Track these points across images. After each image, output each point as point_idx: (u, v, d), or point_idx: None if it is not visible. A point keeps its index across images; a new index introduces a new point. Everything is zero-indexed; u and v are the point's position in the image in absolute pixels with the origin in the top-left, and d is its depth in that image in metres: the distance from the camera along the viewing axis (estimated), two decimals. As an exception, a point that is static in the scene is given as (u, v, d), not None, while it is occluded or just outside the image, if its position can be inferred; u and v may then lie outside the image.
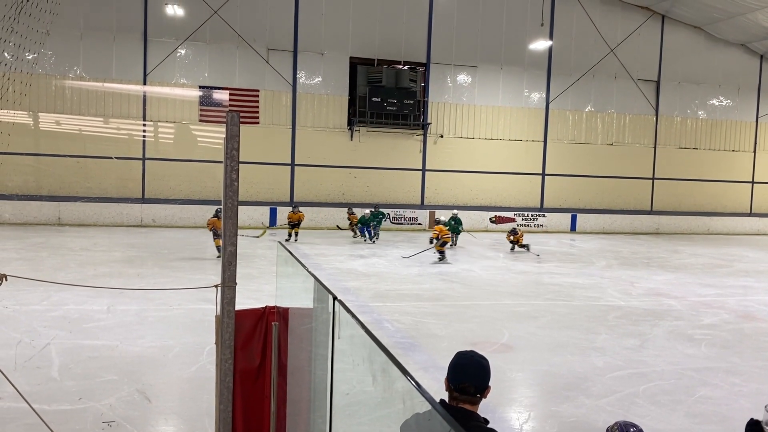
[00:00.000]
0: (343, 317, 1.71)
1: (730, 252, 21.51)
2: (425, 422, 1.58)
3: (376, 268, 15.21)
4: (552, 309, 11.44)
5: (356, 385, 1.59)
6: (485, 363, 2.52)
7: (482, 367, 2.49)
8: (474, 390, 2.41)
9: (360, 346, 1.56)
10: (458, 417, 2.35)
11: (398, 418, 2.11)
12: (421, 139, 26.03)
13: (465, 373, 2.44)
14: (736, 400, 6.84)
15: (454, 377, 2.44)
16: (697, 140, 29.26)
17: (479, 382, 2.44)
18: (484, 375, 2.47)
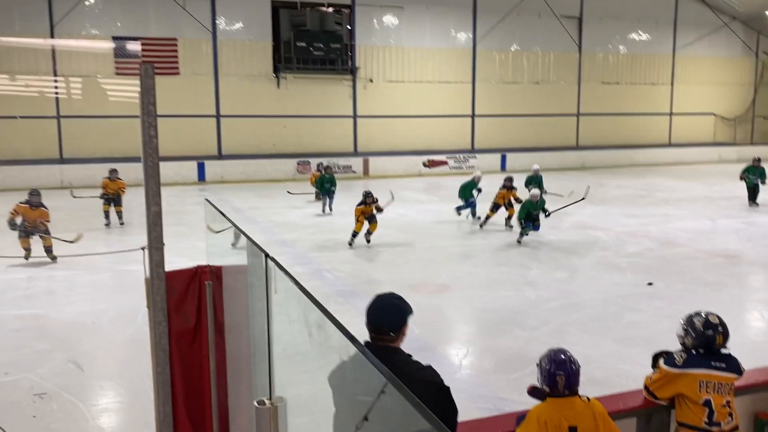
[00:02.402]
0: (277, 274, 1.66)
1: (652, 182, 22.49)
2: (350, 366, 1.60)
3: (313, 218, 15.13)
4: (486, 248, 11.74)
5: (294, 340, 1.57)
6: (399, 303, 2.66)
7: (395, 307, 2.64)
8: (389, 329, 2.55)
9: (295, 303, 1.53)
10: (381, 354, 2.46)
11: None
12: (351, 84, 25.64)
13: (379, 314, 2.58)
14: (660, 322, 7.26)
15: (370, 319, 2.58)
16: (619, 75, 30.04)
17: (393, 321, 2.57)
18: (397, 314, 2.61)
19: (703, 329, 3.29)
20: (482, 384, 6.07)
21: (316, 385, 2.30)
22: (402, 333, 2.60)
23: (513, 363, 6.20)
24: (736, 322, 7.14)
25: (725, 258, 10.57)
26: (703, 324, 3.31)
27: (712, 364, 3.25)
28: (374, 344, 2.56)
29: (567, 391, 2.94)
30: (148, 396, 2.64)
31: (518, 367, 6.05)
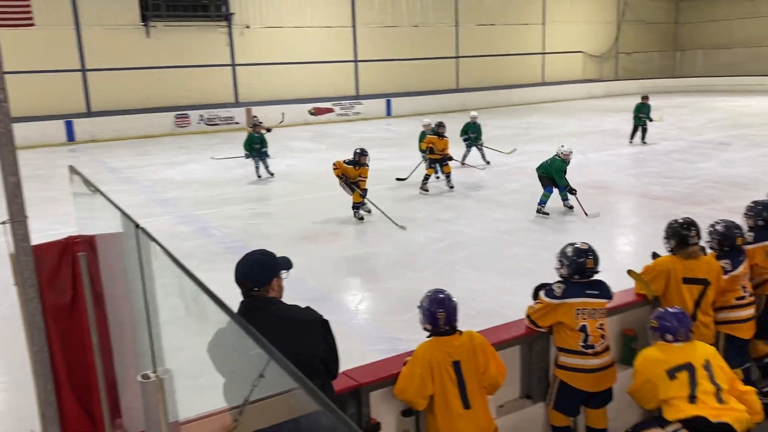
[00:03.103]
0: (150, 244, 1.59)
1: (529, 121, 23.52)
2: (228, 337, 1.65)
3: (195, 174, 14.59)
4: (375, 193, 11.87)
5: (176, 309, 1.53)
6: (263, 258, 2.74)
7: (258, 262, 2.72)
8: (253, 285, 2.65)
9: (169, 275, 1.47)
10: (259, 306, 2.62)
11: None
12: (227, 31, 24.54)
13: (241, 271, 2.68)
14: (539, 254, 7.73)
15: (236, 276, 2.69)
16: (494, 16, 30.74)
17: (254, 277, 2.67)
18: (260, 270, 2.70)
19: (575, 257, 3.55)
20: (378, 327, 6.24)
21: (202, 354, 2.28)
22: (272, 287, 2.68)
23: (406, 303, 6.39)
24: (607, 247, 7.76)
25: (596, 189, 11.33)
26: (574, 252, 3.57)
27: (586, 293, 3.52)
28: (252, 297, 2.64)
29: (447, 327, 3.08)
30: (28, 376, 2.49)
31: (411, 307, 6.24)
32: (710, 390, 3.12)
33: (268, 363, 1.36)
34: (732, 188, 10.97)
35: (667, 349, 3.26)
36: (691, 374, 3.16)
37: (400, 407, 3.23)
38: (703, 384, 3.14)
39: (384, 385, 3.18)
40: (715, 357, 3.28)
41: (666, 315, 3.34)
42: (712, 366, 3.21)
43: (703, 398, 3.10)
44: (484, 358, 3.08)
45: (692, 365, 3.18)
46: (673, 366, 3.18)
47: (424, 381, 2.99)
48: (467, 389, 3.01)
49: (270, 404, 1.48)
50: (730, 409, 3.10)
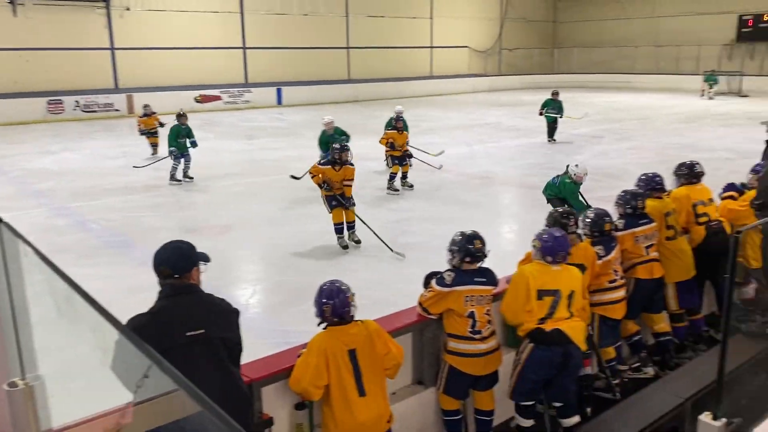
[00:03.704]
0: (17, 240, 1.46)
1: (418, 113, 23.94)
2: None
3: (71, 164, 13.66)
4: (270, 184, 11.66)
5: (45, 314, 1.42)
6: (185, 246, 2.81)
7: (179, 249, 2.79)
8: (173, 272, 2.71)
9: (37, 273, 1.36)
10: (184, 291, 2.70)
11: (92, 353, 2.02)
12: (105, 12, 23.11)
13: (161, 257, 2.73)
14: (431, 241, 7.91)
15: (155, 262, 2.73)
16: (384, 8, 31.02)
17: (176, 263, 2.73)
18: (180, 257, 2.76)
19: (464, 242, 3.67)
20: (272, 320, 6.15)
21: (78, 356, 2.14)
22: (191, 276, 2.75)
23: (300, 296, 6.33)
24: (492, 234, 8.06)
25: (481, 179, 11.76)
26: (463, 238, 3.69)
27: (475, 280, 3.64)
28: (176, 283, 2.69)
29: (339, 318, 3.09)
30: None
31: (305, 299, 6.19)
32: (564, 316, 3.67)
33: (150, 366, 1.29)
34: (605, 179, 11.75)
35: (543, 270, 3.70)
36: (555, 300, 3.65)
37: (293, 401, 3.20)
38: (561, 310, 3.66)
39: (276, 379, 3.14)
40: (578, 287, 3.79)
41: (549, 237, 3.76)
42: (574, 296, 3.72)
43: (553, 321, 3.65)
44: (382, 343, 3.13)
45: (559, 292, 3.66)
46: (544, 288, 3.65)
47: (319, 371, 2.98)
48: (363, 377, 3.04)
49: (154, 405, 1.41)
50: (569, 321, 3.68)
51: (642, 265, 4.63)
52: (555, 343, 3.61)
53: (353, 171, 7.65)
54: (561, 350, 3.62)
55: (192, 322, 2.65)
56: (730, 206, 5.15)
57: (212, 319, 2.72)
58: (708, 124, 19.37)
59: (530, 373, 3.68)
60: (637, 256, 4.62)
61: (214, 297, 2.83)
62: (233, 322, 2.82)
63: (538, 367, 3.65)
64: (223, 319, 2.77)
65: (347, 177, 7.58)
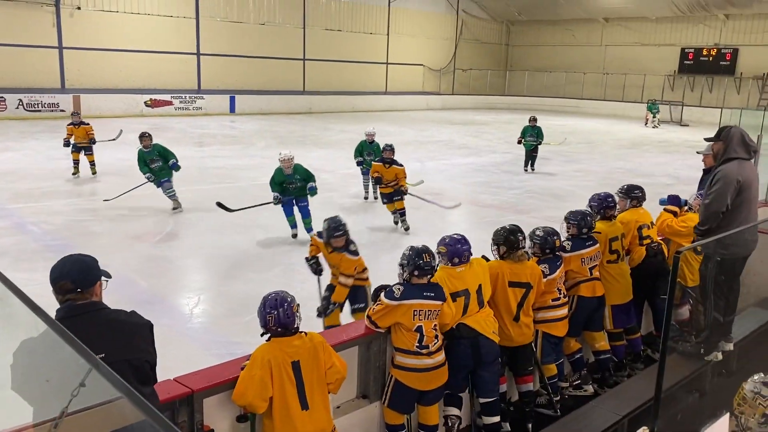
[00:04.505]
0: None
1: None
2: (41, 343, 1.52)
3: (12, 164, 13.15)
4: (217, 192, 11.47)
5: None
6: (87, 259, 2.60)
7: (81, 261, 2.58)
8: (75, 286, 2.48)
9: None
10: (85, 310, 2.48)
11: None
12: (53, 10, 22.45)
13: (60, 270, 2.51)
14: (379, 256, 7.92)
15: (52, 276, 2.50)
16: (341, 23, 31.17)
17: (77, 276, 2.50)
18: (82, 270, 2.55)
19: (414, 256, 3.70)
20: (215, 330, 6.03)
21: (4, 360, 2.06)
22: (94, 291, 2.55)
23: (245, 306, 6.24)
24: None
25: (432, 196, 11.85)
26: (412, 253, 3.72)
27: (424, 294, 3.66)
28: (72, 302, 2.48)
29: (283, 329, 3.06)
30: None
31: (251, 310, 6.12)
32: (475, 311, 3.90)
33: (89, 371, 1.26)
34: (551, 199, 12.04)
35: (451, 273, 3.87)
36: (466, 299, 3.86)
37: (235, 413, 3.14)
38: (472, 307, 3.88)
39: (218, 390, 3.07)
40: (484, 279, 4.01)
41: (452, 241, 3.95)
42: (482, 288, 3.95)
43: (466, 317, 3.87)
44: (326, 355, 3.11)
45: (468, 291, 3.86)
46: (454, 291, 3.82)
47: (264, 382, 2.93)
48: (306, 390, 3.01)
49: (91, 415, 1.37)
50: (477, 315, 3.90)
51: (585, 283, 4.74)
52: (463, 337, 3.83)
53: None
54: (469, 342, 3.83)
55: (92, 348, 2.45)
56: (670, 222, 5.30)
57: (116, 340, 2.49)
58: (649, 151, 20.11)
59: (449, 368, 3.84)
60: (581, 276, 4.74)
61: (120, 313, 2.61)
62: (142, 339, 2.60)
63: (452, 360, 3.82)
64: (127, 338, 2.54)
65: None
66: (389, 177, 9.28)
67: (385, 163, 9.34)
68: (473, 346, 3.83)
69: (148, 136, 10.29)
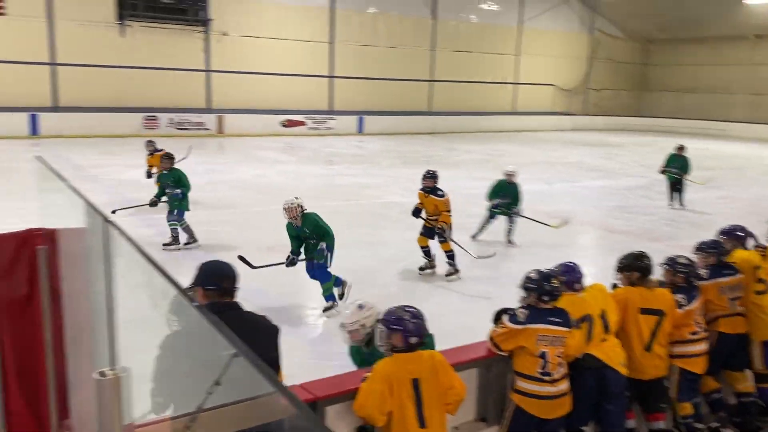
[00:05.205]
0: (118, 238, 1.57)
1: (498, 148, 23.84)
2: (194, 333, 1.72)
3: (162, 177, 14.35)
4: (342, 209, 11.85)
5: (140, 306, 1.50)
6: (229, 265, 2.98)
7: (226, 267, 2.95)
8: (220, 287, 2.82)
9: (138, 269, 1.45)
10: (223, 309, 2.74)
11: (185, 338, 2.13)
12: (203, 36, 24.39)
13: (211, 274, 2.86)
14: (499, 279, 7.80)
15: (209, 279, 2.83)
16: (470, 44, 31.23)
17: (222, 279, 2.85)
18: (227, 275, 2.89)
19: (541, 279, 3.62)
20: (336, 342, 6.19)
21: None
22: (234, 293, 2.87)
23: (367, 321, 6.37)
24: (566, 277, 7.85)
25: (559, 218, 11.50)
26: (539, 277, 3.64)
27: (549, 320, 3.57)
28: (215, 303, 2.75)
29: (408, 345, 3.08)
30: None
31: (372, 325, 6.24)
32: (600, 337, 3.75)
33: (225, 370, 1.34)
34: (689, 227, 11.28)
35: (574, 300, 3.74)
36: (590, 325, 3.73)
37: (356, 423, 3.20)
38: (597, 334, 3.74)
39: (340, 400, 3.15)
40: (607, 304, 3.87)
41: (567, 268, 3.89)
42: (607, 314, 3.80)
43: (594, 343, 3.73)
44: (446, 376, 3.10)
45: (591, 317, 3.74)
46: (579, 316, 3.69)
47: (383, 397, 2.98)
48: (424, 408, 3.01)
49: (238, 409, 1.46)
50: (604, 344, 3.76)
51: (726, 318, 4.40)
52: (588, 367, 3.67)
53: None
54: (595, 373, 3.67)
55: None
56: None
57: (254, 338, 2.70)
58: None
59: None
60: (720, 309, 4.40)
61: (255, 315, 2.88)
62: (273, 341, 2.85)
63: (577, 390, 3.65)
64: (263, 338, 2.80)
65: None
66: (429, 209, 8.07)
67: (426, 192, 8.06)
68: (599, 378, 3.69)
69: (170, 158, 9.51)
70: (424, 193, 8.04)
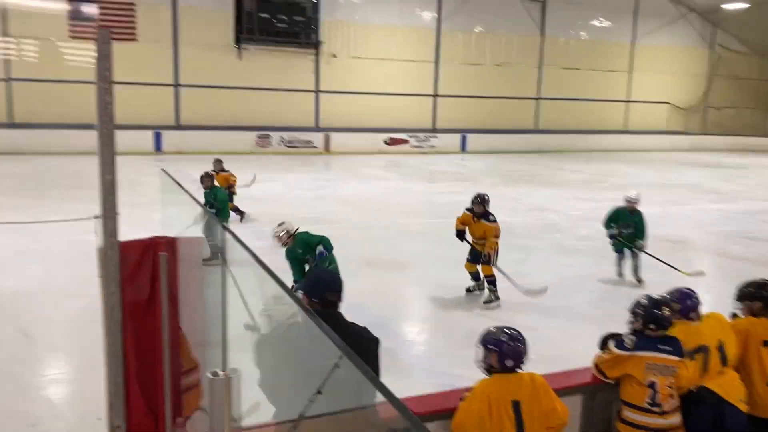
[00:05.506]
0: (234, 247, 1.66)
1: (608, 168, 22.98)
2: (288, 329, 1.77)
3: (271, 192, 14.99)
4: (444, 226, 11.81)
5: (249, 311, 1.58)
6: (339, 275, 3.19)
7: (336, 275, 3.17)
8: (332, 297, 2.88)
9: (251, 275, 1.53)
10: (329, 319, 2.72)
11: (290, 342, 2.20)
12: (314, 58, 25.33)
13: (325, 284, 2.93)
14: (605, 303, 7.49)
15: (319, 290, 2.87)
16: (579, 61, 30.41)
17: (335, 289, 2.92)
18: (338, 283, 2.98)
19: (651, 306, 3.44)
20: (435, 360, 6.17)
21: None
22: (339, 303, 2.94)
23: (467, 339, 6.29)
24: (680, 305, 7.39)
25: (672, 243, 10.89)
26: (650, 302, 3.47)
27: (658, 347, 3.38)
28: (322, 312, 2.77)
29: (509, 367, 3.02)
30: (98, 367, 2.60)
31: (471, 344, 6.17)
32: (716, 370, 3.51)
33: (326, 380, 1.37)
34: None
35: (689, 330, 3.55)
36: (705, 356, 3.51)
37: (453, 442, 3.17)
38: (714, 366, 3.51)
39: (438, 418, 3.14)
40: (726, 335, 3.61)
41: (683, 296, 3.66)
42: (724, 347, 3.56)
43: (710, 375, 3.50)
44: (548, 399, 3.01)
45: (707, 348, 3.53)
46: (694, 347, 3.49)
47: (482, 417, 2.93)
48: (525, 431, 2.93)
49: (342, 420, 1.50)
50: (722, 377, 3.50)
51: None
52: (704, 402, 3.42)
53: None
54: (711, 408, 3.41)
55: None
56: None
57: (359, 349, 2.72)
58: None
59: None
60: None
61: (357, 326, 2.91)
62: (373, 353, 2.87)
63: (691, 426, 3.42)
64: (366, 349, 2.80)
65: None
66: (477, 233, 7.72)
67: (477, 217, 7.68)
68: (716, 414, 3.42)
69: (210, 177, 9.70)
70: (474, 217, 7.71)
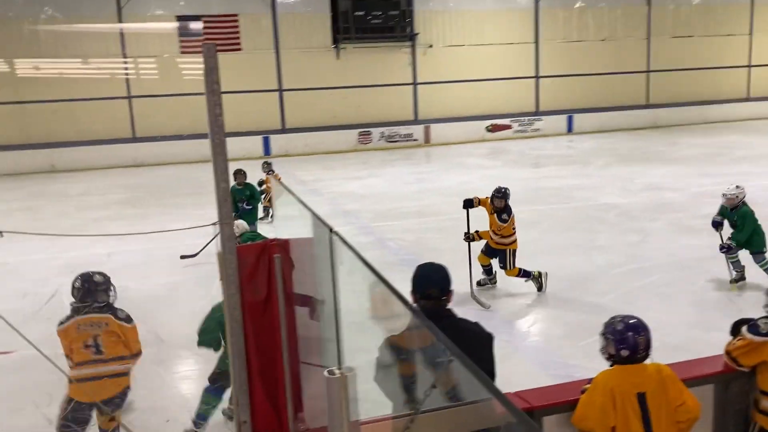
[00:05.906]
0: (341, 248, 1.69)
1: (729, 140, 21.40)
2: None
3: (374, 188, 15.20)
4: (552, 213, 11.51)
5: (361, 309, 1.61)
6: (445, 269, 2.86)
7: (443, 271, 2.84)
8: (438, 293, 2.75)
9: (359, 275, 1.55)
10: (435, 316, 2.71)
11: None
12: (410, 51, 25.36)
13: (429, 279, 2.79)
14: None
15: (419, 286, 2.78)
16: (692, 28, 28.43)
17: (442, 285, 2.78)
18: (446, 279, 2.81)
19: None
20: (552, 350, 6.02)
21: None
22: (449, 300, 2.81)
23: (582, 329, 6.10)
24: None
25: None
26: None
27: (799, 330, 3.11)
28: (427, 308, 2.74)
29: (634, 356, 2.88)
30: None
31: (587, 334, 5.96)
32: None
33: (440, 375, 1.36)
34: None
35: None
36: None
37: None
38: None
39: (558, 411, 3.05)
40: None
41: None
42: None
43: None
44: (677, 391, 2.84)
45: None
46: None
47: (605, 410, 2.82)
48: (653, 425, 2.79)
49: (455, 414, 1.49)
50: None
51: None
52: None
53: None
54: None
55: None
56: None
57: (471, 347, 2.56)
58: None
59: None
60: None
61: (468, 322, 2.82)
62: (487, 349, 2.77)
63: None
64: (479, 347, 2.73)
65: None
66: (493, 226, 7.63)
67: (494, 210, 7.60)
68: None
69: (243, 173, 9.97)
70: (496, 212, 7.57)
